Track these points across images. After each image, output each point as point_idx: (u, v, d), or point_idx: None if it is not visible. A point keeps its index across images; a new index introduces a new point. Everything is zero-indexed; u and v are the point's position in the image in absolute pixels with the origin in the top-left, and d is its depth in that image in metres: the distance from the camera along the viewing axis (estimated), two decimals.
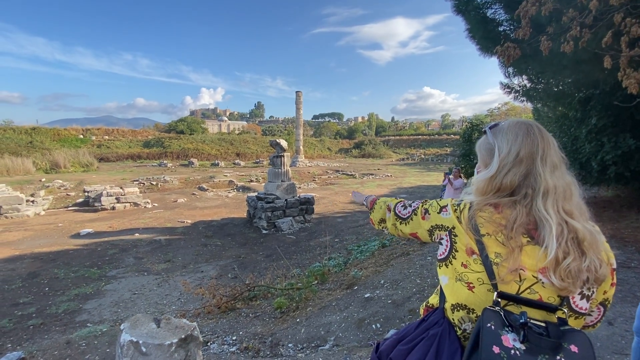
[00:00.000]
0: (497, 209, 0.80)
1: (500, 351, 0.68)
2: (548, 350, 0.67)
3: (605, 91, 6.79)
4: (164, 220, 10.85)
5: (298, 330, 3.23)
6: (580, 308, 0.74)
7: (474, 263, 0.79)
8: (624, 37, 2.80)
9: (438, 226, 0.91)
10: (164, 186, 17.51)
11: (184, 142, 32.41)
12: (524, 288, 0.74)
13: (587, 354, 0.66)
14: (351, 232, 9.44)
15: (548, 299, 0.73)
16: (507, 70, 7.97)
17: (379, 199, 1.21)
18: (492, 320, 0.72)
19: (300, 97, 31.71)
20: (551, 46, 3.25)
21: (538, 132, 0.81)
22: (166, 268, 6.90)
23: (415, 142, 50.40)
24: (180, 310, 4.96)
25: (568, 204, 0.76)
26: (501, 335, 0.70)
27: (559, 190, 0.77)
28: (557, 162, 0.80)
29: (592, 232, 0.75)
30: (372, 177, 23.76)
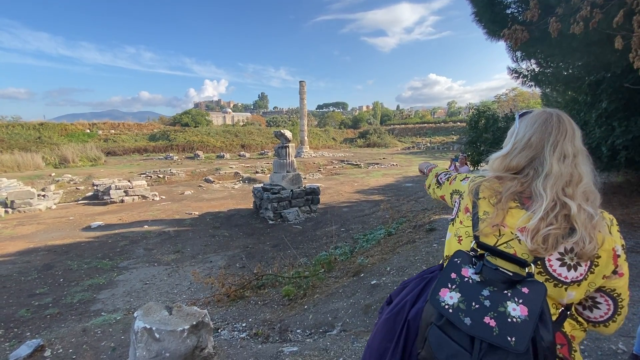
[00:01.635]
0: (500, 180, 0.89)
1: (456, 277, 0.78)
2: (499, 284, 0.73)
3: (616, 74, 6.62)
4: (172, 212, 11.00)
5: (306, 316, 3.29)
6: (559, 274, 0.76)
7: (466, 219, 0.90)
8: (636, 16, 2.71)
9: (456, 191, 1.08)
10: (171, 179, 17.69)
11: (189, 134, 32.53)
12: (501, 242, 0.81)
13: (536, 296, 0.70)
14: (357, 221, 9.48)
15: (522, 255, 0.78)
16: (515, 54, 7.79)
17: (435, 167, 1.39)
18: (460, 257, 0.82)
19: (304, 87, 31.46)
20: (560, 28, 3.16)
21: (556, 122, 0.86)
22: (176, 259, 7.03)
23: (421, 131, 49.88)
24: (190, 299, 5.07)
25: (571, 189, 0.79)
26: (462, 267, 0.79)
27: (564, 176, 0.80)
28: (570, 152, 0.83)
29: (592, 214, 0.77)
30: (378, 167, 23.68)
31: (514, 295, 0.72)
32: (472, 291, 0.74)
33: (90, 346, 2.92)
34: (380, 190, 14.89)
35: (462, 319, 0.71)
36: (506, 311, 0.70)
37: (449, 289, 0.77)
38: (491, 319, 0.70)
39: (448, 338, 0.71)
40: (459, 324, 0.71)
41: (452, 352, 0.70)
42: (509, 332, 0.67)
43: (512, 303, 0.70)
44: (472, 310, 0.72)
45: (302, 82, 31.61)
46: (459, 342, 0.70)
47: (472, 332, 0.69)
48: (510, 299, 0.71)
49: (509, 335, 0.67)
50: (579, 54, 5.63)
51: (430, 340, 0.74)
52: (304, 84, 31.59)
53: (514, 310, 0.70)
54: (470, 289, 0.75)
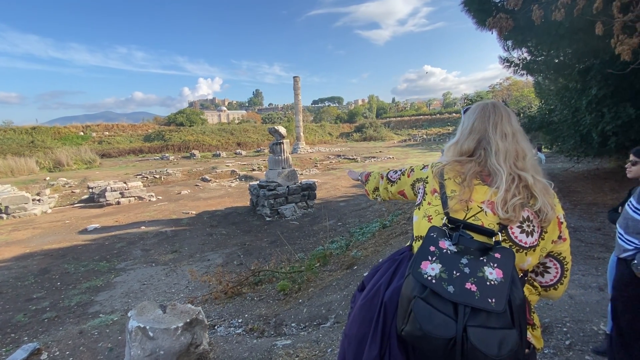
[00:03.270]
0: (459, 163, 0.99)
1: (435, 249, 0.83)
2: (475, 252, 0.81)
3: (604, 60, 6.65)
4: (169, 212, 11.00)
5: (300, 310, 3.34)
6: (520, 240, 0.85)
7: (434, 199, 0.96)
8: (616, 1, 2.73)
9: (418, 179, 1.13)
10: (167, 179, 17.65)
11: (184, 134, 32.39)
12: (469, 216, 0.88)
13: (507, 260, 0.78)
14: (353, 215, 9.53)
15: (489, 226, 0.86)
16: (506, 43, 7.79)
17: (372, 172, 1.45)
18: (435, 231, 0.88)
19: (298, 82, 31.30)
20: (543, 15, 3.18)
21: (491, 108, 1.00)
22: (173, 258, 7.06)
23: (417, 123, 49.90)
24: (188, 297, 5.11)
25: (521, 163, 0.91)
26: (439, 240, 0.85)
27: (510, 152, 0.92)
28: (509, 131, 0.95)
29: (544, 183, 0.90)
30: (374, 160, 23.70)
31: (489, 260, 0.79)
32: (452, 261, 0.80)
33: (87, 347, 2.96)
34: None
35: (446, 287, 0.76)
36: (484, 275, 0.77)
37: (429, 261, 0.81)
38: (472, 284, 0.76)
39: (433, 308, 0.75)
40: (443, 292, 0.75)
41: (439, 321, 0.73)
42: (489, 294, 0.73)
43: (489, 267, 0.78)
44: (453, 278, 0.77)
45: (296, 77, 31.44)
46: (443, 311, 0.74)
47: (456, 299, 0.74)
48: (486, 264, 0.78)
49: (489, 297, 0.73)
50: (567, 41, 5.65)
51: (415, 312, 0.76)
52: (298, 79, 31.43)
53: (491, 274, 0.77)
54: (449, 259, 0.81)
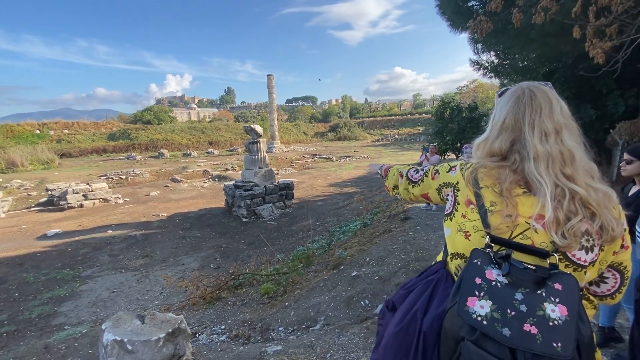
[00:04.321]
0: (496, 168, 0.84)
1: (482, 282, 0.71)
2: (530, 284, 0.68)
3: (567, 64, 7.10)
4: (137, 215, 10.42)
5: (287, 313, 3.24)
6: (578, 258, 0.73)
7: (471, 212, 0.82)
8: (592, 6, 2.88)
9: (445, 184, 0.96)
10: (135, 180, 16.75)
11: (152, 132, 30.95)
12: (516, 233, 0.75)
13: (571, 291, 0.66)
14: (332, 214, 9.51)
15: (540, 245, 0.73)
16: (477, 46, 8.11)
17: (392, 167, 1.27)
18: (479, 257, 0.74)
19: (272, 80, 30.92)
20: (522, 18, 3.30)
21: (528, 99, 0.81)
22: (145, 263, 6.67)
23: (389, 123, 50.98)
24: (163, 304, 4.83)
25: (569, 168, 0.75)
26: (485, 269, 0.72)
27: (555, 155, 0.76)
28: (551, 128, 0.78)
29: (600, 191, 0.74)
30: (350, 160, 23.91)
31: (549, 294, 0.67)
32: (504, 296, 0.68)
33: None
34: (353, 182, 15.05)
35: (500, 330, 0.65)
36: (545, 314, 0.65)
37: (477, 297, 0.69)
38: (531, 325, 0.64)
39: (486, 353, 0.65)
40: (497, 336, 0.64)
41: None
42: (554, 338, 0.62)
43: (550, 304, 0.66)
44: (508, 318, 0.65)
45: (270, 75, 31.03)
46: (499, 356, 0.64)
47: (513, 344, 0.63)
48: (546, 299, 0.66)
49: (553, 341, 0.62)
50: (536, 45, 5.96)
51: (465, 358, 0.67)
52: (272, 77, 31.03)
53: (553, 311, 0.65)
54: (501, 294, 0.68)
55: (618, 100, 6.48)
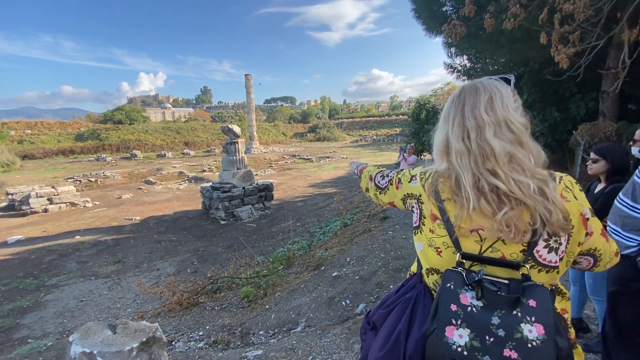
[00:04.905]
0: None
1: (458, 309, 0.70)
2: (505, 306, 0.68)
3: (534, 69, 7.47)
4: (108, 219, 9.96)
5: (268, 316, 3.19)
6: (549, 261, 0.72)
7: (438, 228, 0.80)
8: (557, 14, 3.04)
9: (409, 195, 0.93)
10: (105, 182, 16.01)
11: (124, 132, 29.72)
12: (485, 247, 0.74)
13: (545, 307, 0.66)
14: (312, 215, 9.50)
15: (511, 256, 0.72)
16: (450, 50, 8.37)
17: (367, 167, 1.22)
18: (452, 280, 0.73)
19: (250, 80, 30.55)
20: (494, 24, 3.44)
21: (457, 97, 0.81)
22: (116, 270, 6.38)
23: (367, 124, 51.69)
24: (137, 312, 4.63)
25: (490, 163, 0.73)
26: (460, 294, 0.71)
27: (474, 151, 0.75)
28: (470, 126, 0.76)
29: (525, 184, 0.71)
30: (329, 160, 24.00)
31: (524, 313, 0.66)
32: (481, 322, 0.67)
33: None
34: (333, 183, 15.12)
35: (480, 358, 0.65)
36: (523, 336, 0.65)
37: (454, 325, 0.69)
38: (511, 350, 0.64)
39: None
40: None
41: None
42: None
43: (526, 324, 0.66)
44: (488, 345, 0.65)
45: (248, 75, 30.65)
46: None
47: None
48: (522, 319, 0.66)
49: None
50: (505, 50, 6.22)
51: None
52: (249, 77, 30.65)
53: (531, 332, 0.65)
54: (478, 321, 0.68)
55: (580, 104, 6.89)
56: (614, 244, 0.86)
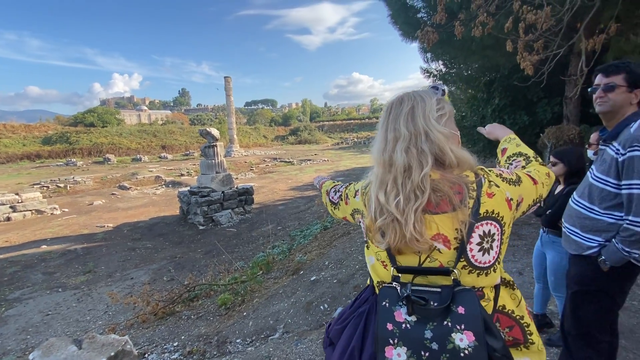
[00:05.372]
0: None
1: (393, 327, 0.72)
2: (436, 317, 0.69)
3: (504, 74, 7.79)
4: (78, 227, 9.51)
5: (245, 324, 3.13)
6: (483, 263, 0.74)
7: None
8: (521, 23, 3.20)
9: (356, 210, 0.94)
10: (75, 188, 15.30)
11: (96, 136, 28.56)
12: (424, 258, 0.75)
13: (473, 314, 0.68)
14: (293, 218, 9.45)
15: (448, 263, 0.74)
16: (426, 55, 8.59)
17: (326, 182, 1.22)
18: (387, 297, 0.75)
19: (230, 83, 30.15)
20: (463, 31, 3.56)
21: (385, 109, 0.84)
22: (87, 280, 6.09)
23: (348, 127, 52.18)
24: (108, 324, 4.43)
25: (390, 175, 0.78)
26: (394, 311, 0.73)
27: (386, 163, 0.79)
28: (389, 138, 0.79)
29: (399, 200, 0.74)
30: (310, 163, 24.01)
31: (455, 322, 0.68)
32: (416, 339, 0.69)
33: None
34: (314, 186, 15.09)
35: None
36: (455, 346, 0.67)
37: (392, 345, 0.70)
38: None
39: None
40: None
41: None
42: None
43: (457, 333, 0.67)
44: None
45: (228, 77, 30.24)
46: None
47: None
48: (452, 329, 0.68)
49: None
50: (477, 56, 6.45)
51: None
52: (229, 79, 30.25)
53: (462, 340, 0.67)
54: (413, 337, 0.70)
55: (546, 108, 7.24)
56: (541, 171, 0.90)
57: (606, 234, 1.28)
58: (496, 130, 1.15)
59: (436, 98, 0.82)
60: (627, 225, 1.19)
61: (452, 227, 0.73)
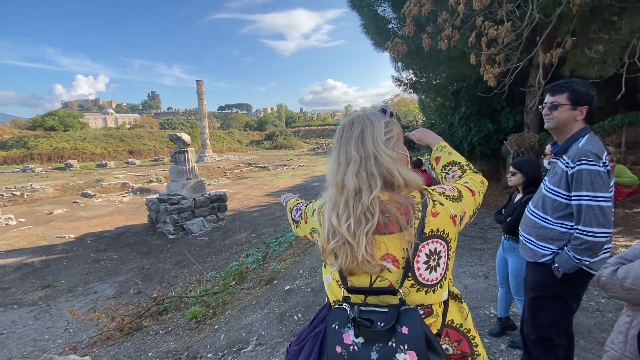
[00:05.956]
0: None
1: (342, 350, 0.74)
2: (382, 338, 0.72)
3: (470, 84, 8.18)
4: (36, 238, 8.88)
5: (217, 337, 3.04)
6: (430, 280, 0.76)
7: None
8: (484, 38, 3.38)
9: (313, 229, 0.95)
10: (33, 196, 14.29)
11: (57, 140, 26.90)
12: (374, 278, 0.77)
13: (415, 334, 0.70)
14: (268, 225, 9.33)
15: (396, 283, 0.75)
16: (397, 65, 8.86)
17: (291, 199, 1.21)
18: (336, 319, 0.77)
19: (202, 86, 29.53)
20: (431, 44, 3.72)
21: (338, 132, 0.87)
22: (45, 295, 5.69)
23: (324, 132, 52.54)
24: (69, 343, 4.15)
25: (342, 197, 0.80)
26: (343, 333, 0.75)
27: (338, 185, 0.81)
28: (341, 161, 0.82)
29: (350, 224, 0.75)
30: (286, 168, 23.89)
31: (398, 342, 0.70)
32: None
33: None
34: (290, 191, 14.92)
35: None
36: None
37: None
38: None
39: None
40: None
41: None
42: None
43: (401, 353, 0.69)
44: None
45: (200, 81, 29.60)
46: None
47: None
48: (397, 349, 0.70)
49: None
50: (444, 67, 6.75)
51: None
52: (202, 83, 29.62)
53: None
54: (359, 359, 0.72)
55: (509, 116, 7.67)
56: (476, 179, 0.95)
57: (559, 242, 1.36)
58: (427, 137, 1.17)
59: (384, 121, 0.85)
60: (577, 234, 1.27)
61: (400, 247, 0.75)
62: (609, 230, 1.23)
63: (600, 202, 1.22)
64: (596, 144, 1.27)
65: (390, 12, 7.00)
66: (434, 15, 3.96)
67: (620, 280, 0.99)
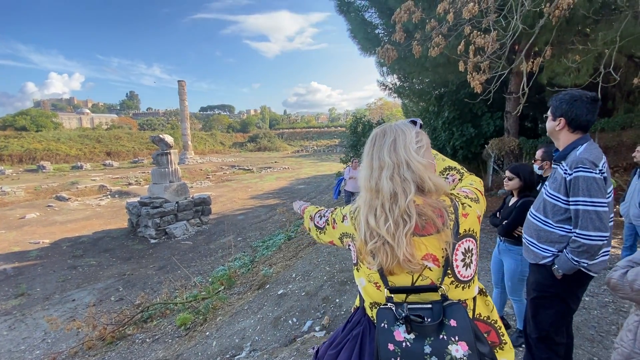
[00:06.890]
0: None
1: (394, 347, 0.76)
2: (433, 333, 0.75)
3: (453, 90, 8.42)
4: (8, 244, 8.42)
5: (209, 344, 2.97)
6: (465, 277, 0.82)
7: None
8: (471, 46, 3.50)
9: (344, 234, 0.99)
10: (3, 199, 13.55)
11: (29, 141, 25.64)
12: (416, 277, 0.80)
13: (464, 325, 0.75)
14: (254, 228, 9.23)
15: (437, 280, 0.79)
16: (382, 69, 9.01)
17: (308, 207, 1.24)
18: (385, 319, 0.80)
19: (184, 87, 28.98)
20: (421, 50, 3.81)
21: (370, 139, 0.89)
22: (20, 304, 5.40)
23: (308, 135, 52.63)
24: (48, 354, 3.96)
25: (378, 201, 0.83)
26: (393, 331, 0.78)
27: (372, 189, 0.84)
28: (375, 166, 0.85)
29: (389, 225, 0.78)
30: (271, 171, 23.73)
31: (449, 334, 0.74)
32: (416, 354, 0.74)
33: None
34: (275, 194, 14.94)
35: None
36: (452, 357, 0.72)
37: None
38: None
39: None
40: None
41: None
42: None
43: (453, 345, 0.73)
44: None
45: (182, 81, 29.05)
46: None
47: None
48: (448, 341, 0.74)
49: None
50: (429, 73, 6.91)
51: None
52: (183, 83, 29.06)
53: (457, 351, 0.73)
54: (413, 354, 0.74)
55: (489, 121, 7.95)
56: (477, 180, 1.02)
57: (559, 245, 1.43)
58: None
59: (415, 131, 0.89)
60: (575, 237, 1.34)
61: (439, 247, 0.79)
62: (606, 233, 1.30)
63: (596, 207, 1.29)
64: (593, 152, 1.35)
65: (376, 18, 7.11)
66: (423, 23, 4.06)
67: (630, 282, 1.06)
